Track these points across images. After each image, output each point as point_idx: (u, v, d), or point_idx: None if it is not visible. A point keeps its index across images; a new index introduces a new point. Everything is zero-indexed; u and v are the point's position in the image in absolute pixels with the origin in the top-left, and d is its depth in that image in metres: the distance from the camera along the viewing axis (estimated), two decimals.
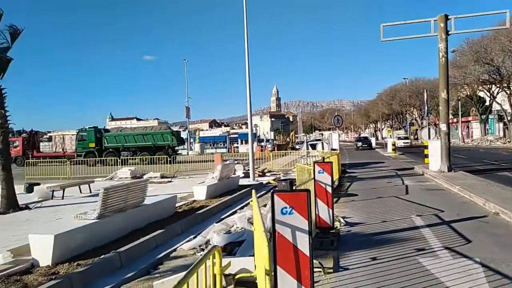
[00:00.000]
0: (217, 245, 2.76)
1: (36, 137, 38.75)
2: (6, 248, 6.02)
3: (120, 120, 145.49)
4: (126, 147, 30.58)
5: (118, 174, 18.25)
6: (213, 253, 2.67)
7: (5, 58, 10.55)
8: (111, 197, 6.53)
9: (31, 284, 4.49)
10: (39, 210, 10.36)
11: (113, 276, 5.04)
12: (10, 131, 11.32)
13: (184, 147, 42.95)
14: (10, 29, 10.53)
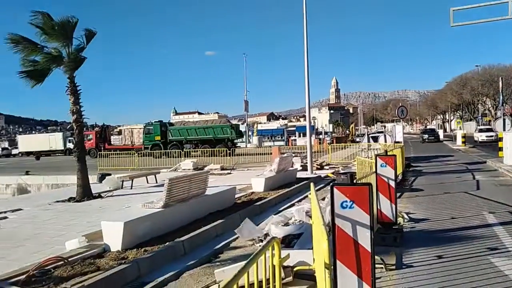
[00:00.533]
0: (276, 237, 2.77)
1: (108, 131, 41.66)
2: (81, 233, 6.56)
3: (183, 114, 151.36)
4: (188, 140, 31.77)
5: (182, 165, 19.03)
6: (272, 245, 2.68)
7: (80, 57, 11.41)
8: (175, 187, 6.82)
9: (103, 267, 4.84)
10: (110, 198, 11.13)
11: (177, 262, 5.28)
12: (85, 125, 12.24)
13: (242, 140, 43.64)
14: (86, 32, 11.36)
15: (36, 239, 6.57)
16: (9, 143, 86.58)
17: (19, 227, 7.69)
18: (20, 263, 5.13)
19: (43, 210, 9.60)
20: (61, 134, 52.24)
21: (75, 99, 11.13)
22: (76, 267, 4.82)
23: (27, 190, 18.64)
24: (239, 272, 1.93)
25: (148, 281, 4.58)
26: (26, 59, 10.71)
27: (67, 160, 33.63)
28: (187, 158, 21.61)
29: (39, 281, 4.43)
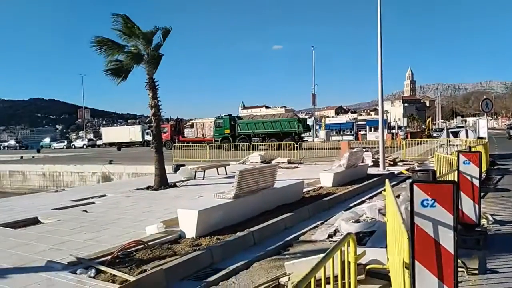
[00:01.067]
0: (351, 233, 2.71)
1: (181, 124, 43.78)
2: (159, 219, 7.01)
3: (251, 108, 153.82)
4: (256, 134, 32.24)
5: (250, 158, 19.40)
6: (348, 241, 2.63)
7: (157, 55, 12.09)
8: (245, 179, 6.98)
9: (179, 252, 5.13)
10: (184, 188, 11.72)
11: (247, 252, 5.42)
12: (161, 118, 12.97)
13: (310, 134, 43.22)
14: (162, 29, 12.00)
15: (119, 223, 7.13)
16: (94, 135, 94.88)
17: (104, 212, 8.42)
18: (106, 245, 5.62)
19: (125, 197, 10.41)
20: (140, 127, 55.99)
21: (153, 94, 11.84)
22: (155, 251, 5.17)
23: (110, 178, 20.32)
24: (316, 266, 1.93)
25: (221, 268, 4.76)
26: (110, 59, 11.61)
27: (144, 151, 36.00)
28: (255, 151, 21.96)
29: (122, 262, 4.82)
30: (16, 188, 23.61)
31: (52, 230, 6.78)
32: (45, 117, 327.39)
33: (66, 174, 22.17)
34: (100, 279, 4.25)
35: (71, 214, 8.22)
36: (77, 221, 7.46)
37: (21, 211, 8.77)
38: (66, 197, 10.73)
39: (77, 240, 5.98)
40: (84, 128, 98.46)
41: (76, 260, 4.77)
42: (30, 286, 4.10)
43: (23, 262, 4.98)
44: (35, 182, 23.29)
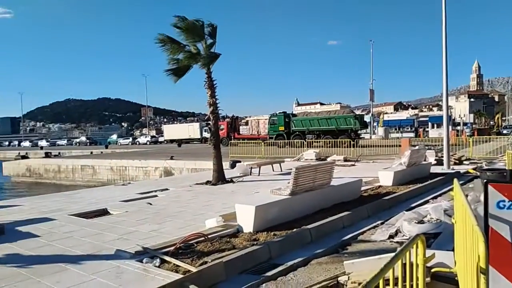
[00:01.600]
0: (420, 234, 2.60)
1: (237, 122, 44.56)
2: (217, 213, 7.20)
3: (305, 105, 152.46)
4: (310, 131, 31.89)
5: (304, 155, 19.26)
6: (416, 242, 2.53)
7: (214, 54, 12.38)
8: (302, 176, 6.95)
9: (237, 246, 5.24)
10: (241, 183, 11.93)
11: (304, 249, 5.40)
12: (219, 116, 13.27)
13: (367, 130, 41.89)
14: (209, 27, 12.22)
15: (180, 216, 7.44)
16: (156, 132, 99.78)
17: (167, 204, 8.82)
18: (168, 236, 5.90)
19: (185, 191, 10.83)
20: (198, 124, 57.83)
21: (211, 92, 12.17)
22: (215, 244, 5.32)
23: (172, 172, 21.22)
24: (385, 266, 1.87)
25: (279, 263, 4.79)
26: (171, 58, 12.10)
27: (202, 148, 37.14)
28: (309, 148, 21.75)
29: (184, 253, 5.02)
30: (87, 181, 25.49)
31: (120, 220, 7.25)
32: (111, 115, 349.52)
33: (131, 169, 23.52)
34: (164, 268, 4.47)
35: (137, 206, 8.72)
36: (142, 212, 7.91)
37: (91, 203, 9.46)
38: (132, 190, 11.40)
39: (143, 231, 6.33)
40: (147, 125, 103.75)
41: (142, 250, 5.05)
42: (101, 272, 4.42)
43: (94, 250, 5.38)
44: (103, 175, 24.98)
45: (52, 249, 5.50)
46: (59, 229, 6.71)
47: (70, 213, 8.04)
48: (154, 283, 4.00)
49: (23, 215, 8.10)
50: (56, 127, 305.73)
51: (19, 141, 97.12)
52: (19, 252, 5.41)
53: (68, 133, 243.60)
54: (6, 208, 8.94)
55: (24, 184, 29.30)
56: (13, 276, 4.40)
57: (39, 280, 4.24)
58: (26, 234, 6.43)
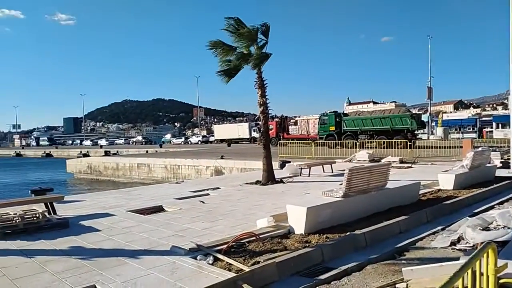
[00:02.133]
0: (492, 242, 2.40)
1: (286, 121, 44.47)
2: (268, 213, 7.18)
3: (357, 104, 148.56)
4: (363, 131, 31.00)
5: (357, 156, 18.74)
6: (487, 251, 2.33)
7: (266, 54, 12.40)
8: (355, 178, 6.74)
9: (289, 247, 5.18)
10: (290, 184, 11.85)
11: (358, 254, 5.23)
12: (272, 116, 13.30)
13: (424, 131, 39.94)
14: (262, 27, 12.23)
15: (232, 215, 7.53)
16: (206, 132, 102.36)
17: (218, 203, 8.97)
18: (221, 234, 5.98)
19: (236, 190, 10.96)
20: (247, 124, 58.48)
21: (262, 92, 12.21)
22: (266, 244, 5.31)
23: (222, 172, 21.61)
24: (454, 275, 1.74)
25: (332, 267, 4.68)
26: (223, 60, 12.30)
27: (251, 147, 37.46)
28: (362, 149, 21.13)
29: (237, 252, 5.06)
30: (143, 178, 26.68)
31: (175, 217, 7.47)
32: (165, 115, 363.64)
33: (184, 167, 24.29)
34: (217, 266, 4.53)
35: (190, 204, 8.95)
36: (195, 210, 8.11)
37: (148, 200, 9.86)
38: (185, 188, 11.74)
39: (196, 228, 6.48)
40: (198, 125, 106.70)
41: (196, 247, 5.16)
42: (157, 267, 4.57)
43: (151, 245, 5.58)
44: (158, 173, 26.02)
45: (112, 243, 5.79)
46: (118, 224, 7.05)
47: (128, 209, 8.43)
48: (208, 280, 4.06)
49: (85, 210, 8.62)
50: (114, 127, 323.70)
51: (81, 140, 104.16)
52: (82, 245, 5.75)
53: (125, 133, 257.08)
54: (70, 203, 9.56)
55: (85, 180, 31.30)
56: (78, 268, 4.68)
57: (101, 272, 4.47)
58: (88, 228, 6.82)
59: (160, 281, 4.11)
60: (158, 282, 4.10)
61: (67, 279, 4.28)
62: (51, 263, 4.90)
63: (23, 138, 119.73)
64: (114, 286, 4.01)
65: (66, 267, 4.70)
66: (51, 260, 5.03)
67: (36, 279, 4.34)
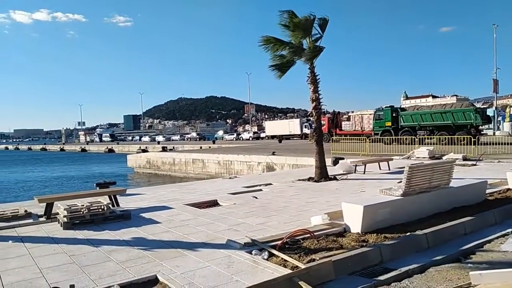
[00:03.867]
0: None
1: (339, 117, 43.45)
2: (321, 210, 7.08)
3: (415, 99, 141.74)
4: (422, 126, 29.51)
5: (416, 153, 17.88)
6: None
7: (319, 48, 12.17)
8: (416, 176, 6.42)
9: (345, 246, 5.05)
10: (344, 181, 11.57)
11: (419, 255, 4.99)
12: (324, 112, 13.08)
13: (490, 126, 37.19)
14: (319, 21, 11.98)
15: (285, 211, 7.50)
16: (257, 128, 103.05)
17: (271, 199, 8.98)
18: (275, 230, 5.98)
19: (288, 186, 10.92)
20: (298, 120, 58.14)
21: (314, 87, 12.02)
22: (321, 242, 5.22)
23: (273, 168, 21.66)
24: None
25: (391, 268, 4.50)
26: (275, 55, 12.26)
27: (302, 144, 37.16)
28: (421, 146, 20.13)
29: (291, 248, 5.03)
30: (197, 173, 27.48)
31: (229, 212, 7.60)
32: (218, 112, 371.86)
33: (236, 163, 24.66)
34: (272, 262, 4.53)
35: (243, 199, 9.06)
36: (248, 205, 8.19)
37: (203, 194, 10.13)
38: (238, 184, 11.91)
39: (250, 223, 6.54)
40: (250, 121, 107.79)
41: (251, 242, 5.21)
42: (214, 260, 4.66)
43: (208, 238, 5.72)
44: (212, 169, 26.66)
45: (171, 235, 6.01)
46: (176, 217, 7.31)
47: (185, 203, 8.71)
48: (263, 275, 4.07)
49: (145, 203, 9.03)
50: (170, 123, 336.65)
51: (140, 136, 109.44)
52: (143, 236, 6.03)
53: (180, 129, 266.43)
54: (131, 196, 10.06)
55: (144, 175, 32.85)
56: (140, 258, 4.91)
57: (162, 263, 4.65)
58: (148, 220, 7.14)
59: (217, 274, 4.20)
60: (215, 274, 4.19)
61: (130, 269, 4.51)
62: (115, 252, 5.19)
63: (87, 134, 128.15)
64: (174, 277, 4.15)
65: (129, 257, 4.96)
66: (115, 249, 5.32)
67: (102, 267, 4.62)
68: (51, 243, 5.79)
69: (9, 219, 7.36)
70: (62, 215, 6.80)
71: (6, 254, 5.27)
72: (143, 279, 4.19)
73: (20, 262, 4.92)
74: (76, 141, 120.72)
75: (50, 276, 4.34)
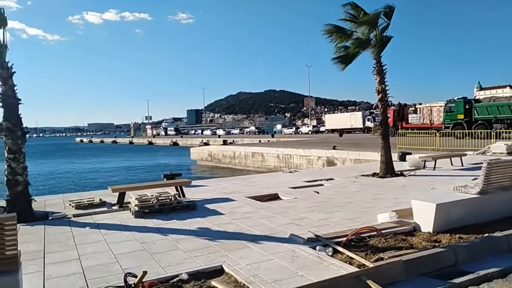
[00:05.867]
0: None
1: (405, 109, 41.34)
2: (388, 208, 6.79)
3: (490, 89, 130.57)
4: (499, 119, 27.12)
5: (492, 148, 16.48)
6: None
7: (387, 38, 11.62)
8: (495, 172, 5.92)
9: (416, 246, 4.79)
10: (412, 178, 10.98)
11: (499, 259, 4.59)
12: (388, 104, 12.52)
13: None
14: (385, 9, 11.40)
15: (348, 207, 7.29)
16: (316, 121, 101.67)
17: (333, 194, 8.79)
18: (338, 226, 5.84)
19: (351, 182, 10.61)
20: (361, 113, 56.38)
21: (380, 79, 11.51)
22: (389, 240, 5.00)
23: (334, 162, 21.21)
24: None
25: (468, 271, 4.19)
26: (338, 46, 11.91)
27: (365, 138, 35.97)
28: (498, 140, 18.50)
29: (357, 246, 4.87)
30: (257, 167, 27.78)
31: (290, 206, 7.56)
32: (276, 106, 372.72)
33: (295, 157, 24.53)
34: (337, 258, 4.42)
35: (304, 193, 8.97)
36: (310, 200, 8.09)
37: (263, 187, 10.19)
38: (298, 178, 11.82)
39: (312, 218, 6.45)
40: (309, 115, 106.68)
41: (314, 237, 5.13)
42: (278, 254, 4.66)
43: (270, 231, 5.73)
44: (271, 162, 26.79)
45: (234, 226, 6.12)
46: (238, 209, 7.43)
47: (247, 196, 8.82)
48: (329, 272, 3.99)
49: (209, 194, 9.29)
50: (230, 117, 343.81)
51: (202, 130, 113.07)
52: (208, 226, 6.20)
53: (239, 123, 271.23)
54: (196, 188, 10.41)
55: (206, 167, 33.91)
56: (206, 248, 5.05)
57: (227, 254, 4.75)
58: (212, 211, 7.34)
59: (281, 268, 4.18)
60: (279, 268, 4.18)
61: (197, 258, 4.66)
62: (183, 241, 5.39)
63: (154, 128, 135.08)
64: (239, 268, 4.21)
65: (195, 246, 5.12)
66: (182, 238, 5.54)
67: (171, 255, 4.82)
68: (123, 230, 6.17)
69: (86, 207, 7.97)
70: (133, 204, 7.22)
71: (84, 239, 5.71)
72: (210, 268, 4.30)
73: (97, 247, 5.29)
74: (143, 134, 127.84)
75: (123, 262, 4.61)
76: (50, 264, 4.65)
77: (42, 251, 5.16)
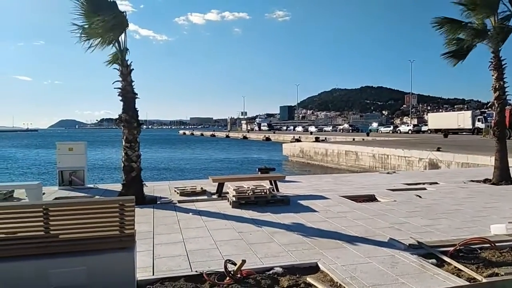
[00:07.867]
0: None
1: None
2: (505, 219, 6.10)
3: None
4: None
5: None
6: None
7: (507, 27, 10.31)
8: None
9: None
10: None
11: None
12: (507, 103, 11.12)
13: None
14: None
15: (455, 215, 6.67)
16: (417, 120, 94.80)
17: (438, 200, 8.12)
18: (443, 235, 5.39)
19: (458, 187, 9.69)
20: (470, 112, 51.04)
21: (498, 74, 10.30)
22: (506, 255, 4.46)
23: (438, 165, 19.55)
24: None
25: None
26: (450, 39, 10.90)
27: (474, 140, 32.51)
28: None
29: (466, 257, 4.43)
30: (350, 165, 26.95)
31: (388, 209, 7.19)
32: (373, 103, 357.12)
33: (393, 157, 23.19)
34: (443, 269, 4.07)
35: (404, 196, 8.45)
36: (411, 204, 7.59)
37: (358, 187, 9.85)
38: (397, 180, 11.17)
39: (414, 224, 6.04)
40: (410, 113, 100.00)
41: (417, 244, 4.80)
42: (376, 258, 4.46)
43: (367, 234, 5.52)
44: (365, 162, 25.75)
45: (329, 225, 6.03)
46: (332, 208, 7.30)
47: (341, 195, 8.63)
48: (433, 282, 3.70)
49: (302, 190, 9.30)
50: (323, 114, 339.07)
51: (294, 126, 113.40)
52: (302, 222, 6.21)
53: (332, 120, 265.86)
54: (288, 183, 10.49)
55: (298, 163, 33.95)
56: (300, 243, 5.06)
57: (321, 252, 4.70)
58: (306, 207, 7.33)
59: (379, 272, 4.00)
60: (377, 272, 4.00)
61: (292, 252, 4.70)
62: (277, 234, 5.48)
63: (248, 123, 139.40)
64: (335, 268, 4.13)
65: (290, 241, 5.17)
66: (277, 232, 5.63)
67: (267, 247, 4.93)
68: (222, 218, 6.50)
69: (189, 194, 8.59)
70: (231, 194, 7.57)
71: (187, 224, 6.16)
72: (304, 264, 4.31)
73: (198, 232, 5.67)
74: (238, 129, 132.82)
75: (223, 249, 4.86)
76: (158, 244, 5.11)
77: (151, 232, 5.69)
